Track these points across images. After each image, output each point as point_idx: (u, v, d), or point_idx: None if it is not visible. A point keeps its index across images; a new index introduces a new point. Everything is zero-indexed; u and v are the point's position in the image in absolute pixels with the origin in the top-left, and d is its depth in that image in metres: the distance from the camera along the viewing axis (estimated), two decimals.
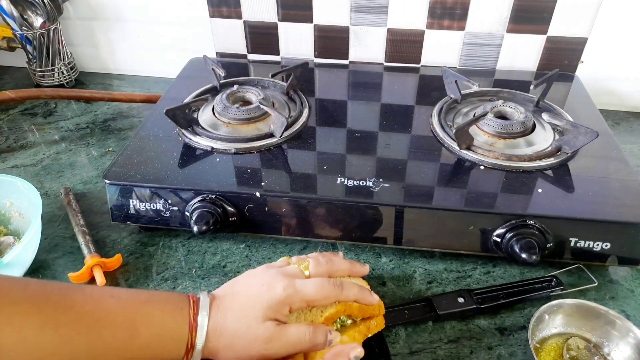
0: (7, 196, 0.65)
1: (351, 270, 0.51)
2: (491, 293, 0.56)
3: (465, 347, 0.53)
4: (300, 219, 0.60)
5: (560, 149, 0.65)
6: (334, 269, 0.49)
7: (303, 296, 0.43)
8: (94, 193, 0.74)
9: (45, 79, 1.01)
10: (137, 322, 0.38)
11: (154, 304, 0.40)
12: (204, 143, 0.67)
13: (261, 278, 0.45)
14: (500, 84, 0.84)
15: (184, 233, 0.67)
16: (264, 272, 0.46)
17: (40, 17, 0.94)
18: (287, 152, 0.66)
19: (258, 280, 0.45)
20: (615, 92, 0.90)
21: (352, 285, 0.46)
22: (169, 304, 0.41)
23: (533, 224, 0.56)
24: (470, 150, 0.65)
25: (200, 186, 0.60)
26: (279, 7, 0.90)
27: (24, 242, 0.55)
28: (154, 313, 0.40)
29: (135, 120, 0.91)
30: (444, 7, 0.85)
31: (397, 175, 0.61)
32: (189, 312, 0.41)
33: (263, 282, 0.44)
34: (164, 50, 1.01)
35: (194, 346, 0.40)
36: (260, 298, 0.42)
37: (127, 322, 0.38)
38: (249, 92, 0.76)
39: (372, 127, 0.72)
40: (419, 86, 0.86)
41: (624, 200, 0.57)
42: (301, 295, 0.43)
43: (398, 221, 0.58)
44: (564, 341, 0.51)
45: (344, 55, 0.95)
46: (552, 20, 0.84)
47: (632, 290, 0.59)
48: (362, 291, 0.46)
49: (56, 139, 0.87)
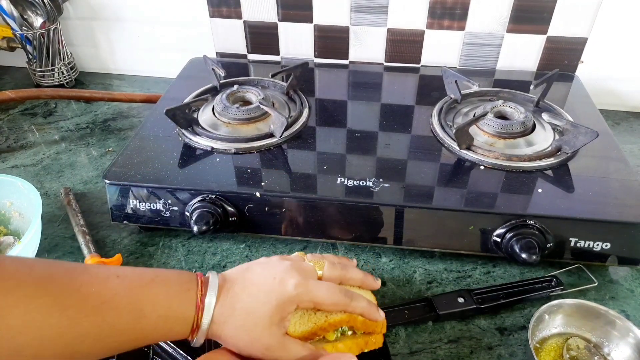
0: (7, 196, 0.66)
1: (363, 282, 0.50)
2: (491, 293, 0.56)
3: (465, 347, 0.53)
4: (300, 219, 0.60)
5: (560, 149, 0.65)
6: (347, 276, 0.48)
7: (313, 297, 0.43)
8: (94, 193, 0.74)
9: (45, 79, 1.01)
10: (142, 303, 0.38)
11: (160, 284, 0.40)
12: (204, 143, 0.67)
13: (274, 270, 0.44)
14: (500, 84, 0.84)
15: (184, 233, 0.67)
16: (278, 263, 0.45)
17: (40, 17, 0.94)
18: (287, 152, 0.66)
19: (271, 272, 0.44)
20: (615, 92, 0.90)
21: (361, 298, 0.46)
22: (176, 285, 0.41)
23: (533, 224, 0.56)
24: (470, 150, 0.65)
25: (200, 186, 0.60)
26: (279, 7, 0.90)
27: (24, 242, 0.56)
28: (160, 294, 0.39)
29: (135, 120, 0.91)
30: (444, 7, 0.85)
31: (397, 175, 0.61)
32: (196, 292, 0.41)
33: (276, 275, 0.43)
34: (164, 50, 1.01)
35: (200, 326, 0.40)
36: (271, 295, 0.42)
37: (133, 304, 0.38)
38: (249, 92, 0.76)
39: (372, 127, 0.72)
40: (419, 86, 0.86)
41: (624, 200, 0.57)
42: (311, 297, 0.43)
43: (398, 221, 0.58)
44: (564, 341, 0.51)
45: (344, 55, 0.95)
46: (552, 20, 0.84)
47: (632, 290, 0.59)
48: (370, 306, 0.46)
49: (56, 139, 0.87)
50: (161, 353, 0.49)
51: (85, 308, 0.36)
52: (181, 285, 0.41)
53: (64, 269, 0.38)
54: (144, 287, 0.39)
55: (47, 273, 0.36)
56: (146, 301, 0.38)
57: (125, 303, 0.38)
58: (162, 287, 0.40)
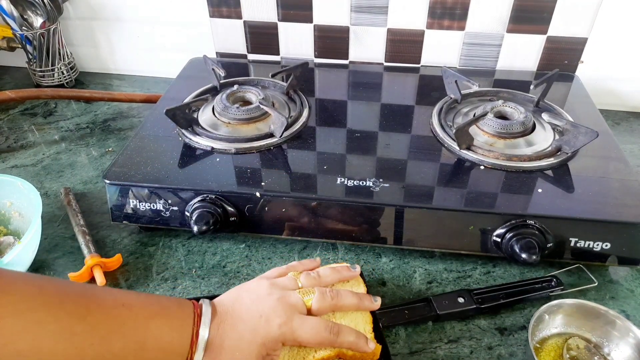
0: (7, 196, 0.65)
1: (358, 307, 0.49)
2: (491, 293, 0.56)
3: (465, 347, 0.53)
4: (300, 219, 0.60)
5: (560, 149, 0.65)
6: (339, 304, 0.48)
7: (297, 337, 0.44)
8: (94, 193, 0.74)
9: (45, 79, 1.01)
10: (146, 336, 0.39)
11: (164, 318, 0.41)
12: (204, 143, 0.67)
13: (261, 306, 0.45)
14: (500, 84, 0.84)
15: (184, 233, 0.67)
16: (266, 295, 0.46)
17: (40, 17, 0.94)
18: (287, 152, 0.66)
19: (258, 307, 0.44)
20: (615, 92, 0.90)
21: (348, 332, 0.45)
22: (178, 320, 0.41)
23: (533, 224, 0.56)
24: (470, 150, 0.65)
25: (200, 186, 0.60)
26: (279, 7, 0.90)
27: (24, 242, 0.56)
28: (164, 329, 0.40)
29: (135, 120, 0.91)
30: (444, 7, 0.85)
31: (397, 175, 0.61)
32: (192, 327, 0.42)
33: (262, 312, 0.44)
34: (164, 50, 1.01)
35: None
36: (256, 335, 0.43)
37: (138, 337, 0.39)
38: (249, 92, 0.76)
39: (372, 127, 0.72)
40: (419, 86, 0.86)
41: (624, 200, 0.57)
42: (295, 336, 0.44)
43: (398, 221, 0.58)
44: (564, 341, 0.51)
45: (344, 55, 0.95)
46: (552, 20, 0.84)
47: (632, 290, 0.59)
48: (359, 340, 0.45)
49: (56, 139, 0.87)
50: None
51: (92, 337, 0.37)
52: (183, 320, 0.42)
53: (74, 292, 0.39)
54: (149, 320, 0.40)
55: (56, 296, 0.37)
56: (150, 334, 0.39)
57: (131, 335, 0.38)
58: (166, 321, 0.41)
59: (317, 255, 0.63)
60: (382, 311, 0.52)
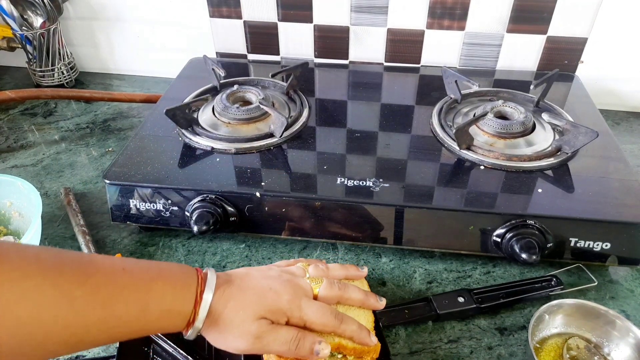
0: (7, 196, 0.65)
1: (364, 303, 0.49)
2: (491, 293, 0.56)
3: (465, 347, 0.53)
4: (300, 219, 0.60)
5: (560, 149, 0.65)
6: (345, 296, 0.48)
7: (303, 316, 0.44)
8: (94, 193, 0.74)
9: (45, 79, 1.01)
10: (148, 299, 0.39)
11: (165, 280, 0.41)
12: (204, 143, 0.67)
13: (272, 281, 0.45)
14: (500, 84, 0.84)
15: (184, 233, 0.67)
16: (276, 276, 0.46)
17: (40, 17, 0.94)
18: (287, 152, 0.66)
19: (269, 282, 0.45)
20: (615, 92, 0.90)
21: (352, 322, 0.46)
22: (179, 281, 0.41)
23: (533, 224, 0.56)
24: (470, 150, 0.65)
25: (200, 186, 0.60)
26: (279, 7, 0.90)
27: (24, 242, 0.55)
28: (166, 291, 0.40)
29: (135, 120, 0.91)
30: (444, 7, 0.85)
31: (397, 175, 0.61)
32: (196, 288, 0.41)
33: (272, 286, 0.44)
34: (164, 50, 1.01)
35: (195, 321, 0.41)
36: (263, 299, 0.43)
37: (140, 300, 0.38)
38: (249, 92, 0.76)
39: (372, 127, 0.72)
40: (419, 86, 0.86)
41: (624, 200, 0.57)
42: (301, 315, 0.44)
43: (398, 221, 0.58)
44: (564, 341, 0.51)
45: (344, 55, 0.95)
46: (552, 20, 0.84)
47: (632, 290, 0.59)
48: (361, 330, 0.46)
49: (56, 139, 0.87)
50: (161, 352, 0.49)
51: (93, 302, 0.36)
52: (184, 280, 0.41)
53: (70, 259, 0.38)
54: (149, 283, 0.40)
55: (54, 263, 0.36)
56: (152, 296, 0.39)
57: (134, 298, 0.38)
58: (167, 283, 0.40)
59: (317, 255, 0.63)
60: (382, 311, 0.52)
